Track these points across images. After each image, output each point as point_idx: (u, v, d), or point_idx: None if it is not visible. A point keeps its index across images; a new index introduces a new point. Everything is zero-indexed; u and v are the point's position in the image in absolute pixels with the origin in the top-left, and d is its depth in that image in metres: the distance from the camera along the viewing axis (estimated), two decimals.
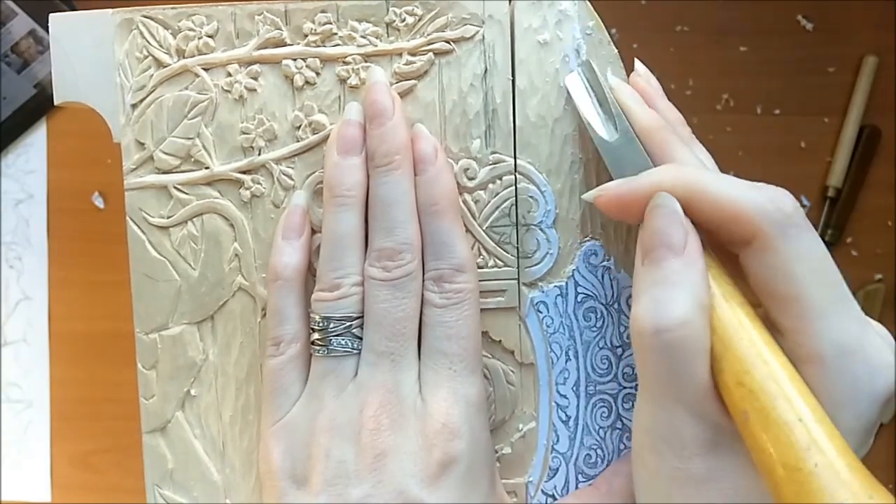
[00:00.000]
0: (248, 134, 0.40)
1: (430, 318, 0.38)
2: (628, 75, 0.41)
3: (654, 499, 0.35)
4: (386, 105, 0.38)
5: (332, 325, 0.37)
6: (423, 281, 0.38)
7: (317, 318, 0.38)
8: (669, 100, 0.39)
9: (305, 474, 0.37)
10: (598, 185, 0.40)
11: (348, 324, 0.37)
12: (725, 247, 0.34)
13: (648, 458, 0.34)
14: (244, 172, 0.40)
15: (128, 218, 0.40)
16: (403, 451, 0.36)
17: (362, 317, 0.38)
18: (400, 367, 0.37)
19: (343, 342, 0.37)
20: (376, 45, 0.40)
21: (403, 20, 0.40)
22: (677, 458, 0.33)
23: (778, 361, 0.31)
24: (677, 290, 0.32)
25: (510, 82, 0.40)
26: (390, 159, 0.38)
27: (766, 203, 0.32)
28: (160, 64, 0.40)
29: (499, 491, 0.39)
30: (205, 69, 0.40)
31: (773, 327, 0.33)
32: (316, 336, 0.38)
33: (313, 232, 0.40)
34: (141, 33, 0.40)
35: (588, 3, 0.40)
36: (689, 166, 0.35)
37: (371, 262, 0.38)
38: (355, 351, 0.38)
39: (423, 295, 0.38)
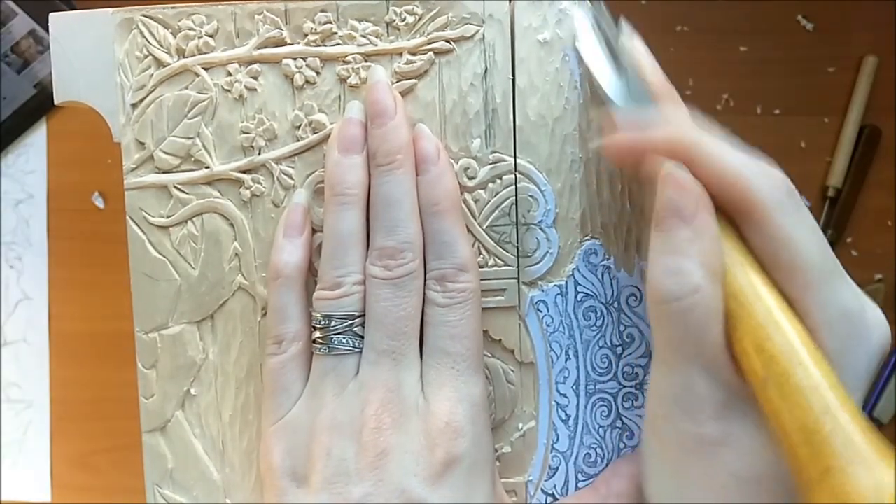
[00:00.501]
0: (248, 133, 0.40)
1: (432, 318, 0.38)
2: None
3: (666, 469, 0.35)
4: (388, 104, 0.38)
5: (333, 324, 0.37)
6: (425, 280, 0.38)
7: (318, 316, 0.38)
8: None
9: (306, 473, 0.37)
10: (598, 184, 0.40)
11: (350, 322, 0.37)
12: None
13: (662, 427, 0.35)
14: (244, 172, 0.40)
15: (128, 217, 0.40)
16: (405, 449, 0.36)
17: (364, 315, 0.38)
18: (402, 366, 0.37)
19: (344, 341, 0.37)
20: (376, 45, 0.40)
21: (403, 19, 0.40)
22: (692, 422, 0.33)
23: (795, 329, 0.32)
24: (688, 259, 0.33)
25: (510, 81, 0.40)
26: (392, 158, 0.38)
27: (765, 177, 0.33)
28: (160, 63, 0.40)
29: (499, 490, 0.39)
30: (205, 68, 0.40)
31: None
32: (317, 334, 0.38)
33: (314, 231, 0.40)
34: (141, 33, 0.40)
35: (588, 2, 0.40)
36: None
37: (372, 260, 0.38)
38: (357, 349, 0.37)
39: (424, 294, 0.38)
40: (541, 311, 0.40)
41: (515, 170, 0.40)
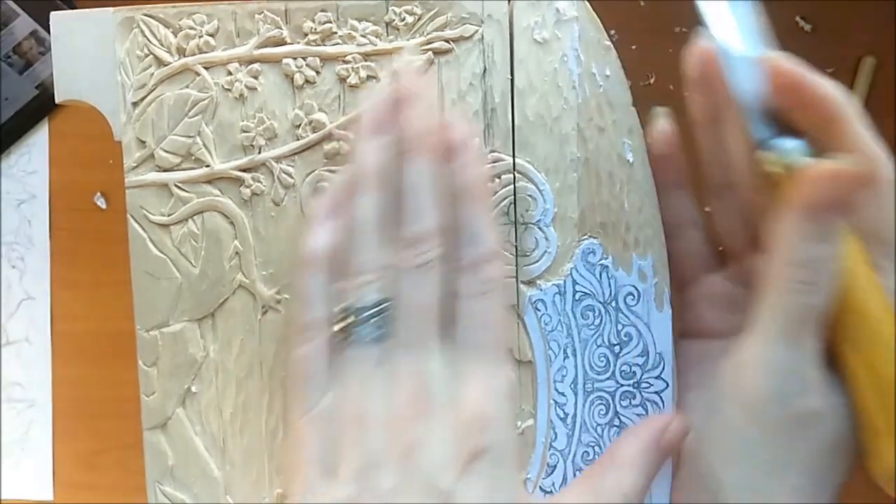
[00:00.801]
0: (248, 132, 0.40)
1: (460, 308, 0.37)
2: (627, 76, 0.41)
3: (761, 452, 0.36)
4: (416, 89, 0.37)
5: (357, 313, 0.36)
6: (452, 270, 0.37)
7: (342, 305, 0.37)
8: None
9: (335, 464, 0.36)
10: (596, 184, 0.40)
11: (374, 311, 0.36)
12: None
13: (766, 408, 0.36)
14: (244, 171, 0.40)
15: (129, 216, 0.41)
16: (434, 440, 0.35)
17: (389, 304, 0.37)
18: (428, 356, 0.36)
19: (369, 330, 0.36)
20: (376, 45, 0.40)
21: (403, 19, 0.40)
22: (800, 396, 0.35)
23: (874, 291, 0.35)
24: (831, 246, 0.35)
25: (509, 81, 0.40)
26: (418, 145, 0.37)
27: (890, 160, 0.36)
28: (161, 62, 0.40)
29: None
30: (205, 68, 0.40)
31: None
32: (341, 324, 0.37)
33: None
34: (142, 32, 0.40)
35: (587, 3, 0.40)
36: None
37: (397, 248, 0.37)
38: (382, 339, 0.36)
39: (451, 284, 0.37)
40: (539, 310, 0.40)
41: (514, 169, 0.40)
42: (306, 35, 0.40)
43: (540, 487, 0.41)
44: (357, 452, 0.35)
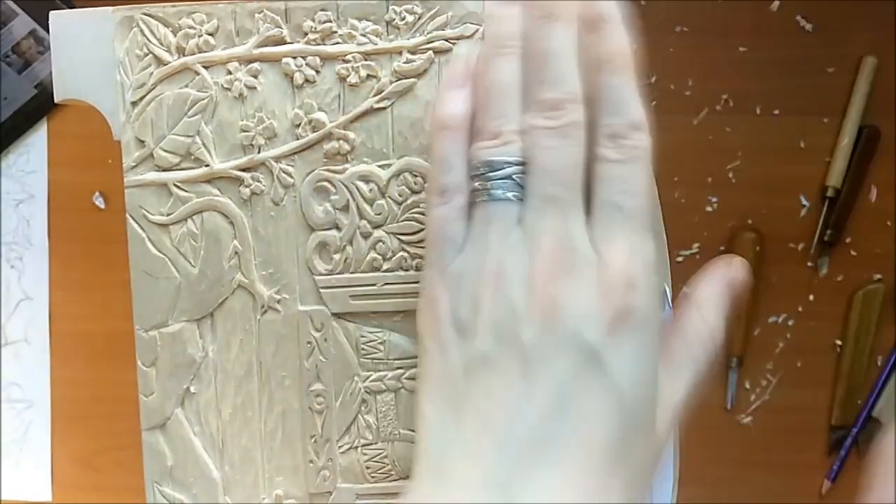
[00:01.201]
0: (247, 132, 0.40)
1: (603, 173, 0.34)
2: None
3: None
4: None
5: (493, 171, 0.35)
6: (594, 138, 0.35)
7: (477, 163, 0.35)
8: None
9: (471, 319, 0.34)
10: None
11: (510, 169, 0.35)
12: None
13: None
14: (244, 170, 0.40)
15: (128, 215, 0.41)
16: (578, 296, 0.33)
17: (524, 165, 0.35)
18: (568, 216, 0.34)
19: (506, 186, 0.34)
20: (376, 44, 0.40)
21: (403, 18, 0.40)
22: None
23: None
24: None
25: None
26: (561, 11, 0.35)
27: None
28: (160, 62, 0.40)
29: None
30: (205, 67, 0.40)
31: None
32: (477, 183, 0.35)
33: None
34: (141, 31, 0.40)
35: None
36: None
37: (534, 113, 0.35)
38: (518, 199, 0.35)
39: (591, 153, 0.35)
40: None
41: None
42: (306, 34, 0.40)
43: None
44: (495, 307, 0.33)
